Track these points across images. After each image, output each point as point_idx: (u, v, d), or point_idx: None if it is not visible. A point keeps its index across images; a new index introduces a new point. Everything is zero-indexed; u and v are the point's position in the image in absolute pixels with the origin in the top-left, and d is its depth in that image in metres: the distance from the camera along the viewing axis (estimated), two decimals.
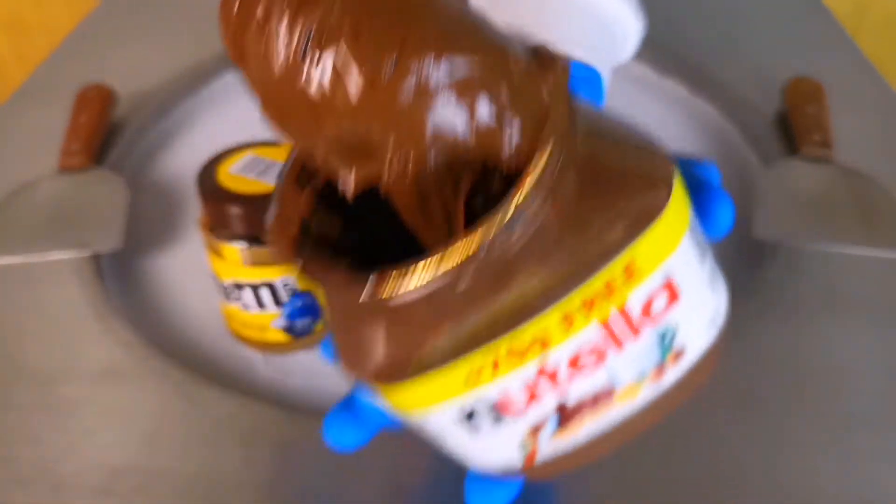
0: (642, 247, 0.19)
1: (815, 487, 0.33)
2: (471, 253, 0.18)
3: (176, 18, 0.70)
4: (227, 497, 0.33)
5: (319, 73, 0.18)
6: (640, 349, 0.21)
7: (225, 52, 0.21)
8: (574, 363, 0.20)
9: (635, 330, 0.20)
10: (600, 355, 0.20)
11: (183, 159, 0.55)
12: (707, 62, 0.61)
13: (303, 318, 0.38)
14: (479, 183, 0.20)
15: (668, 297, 0.20)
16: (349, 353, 0.21)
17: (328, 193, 0.22)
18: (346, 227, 0.23)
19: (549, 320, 0.19)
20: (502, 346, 0.19)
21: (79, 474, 0.33)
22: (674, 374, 0.22)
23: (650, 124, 0.63)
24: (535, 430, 0.22)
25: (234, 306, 0.38)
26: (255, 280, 0.36)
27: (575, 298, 0.19)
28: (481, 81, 0.18)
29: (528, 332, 0.19)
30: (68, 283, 0.43)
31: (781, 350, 0.39)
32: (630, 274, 0.19)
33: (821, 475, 0.33)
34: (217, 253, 0.36)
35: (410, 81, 0.18)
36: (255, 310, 0.37)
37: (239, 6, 0.19)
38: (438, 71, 0.18)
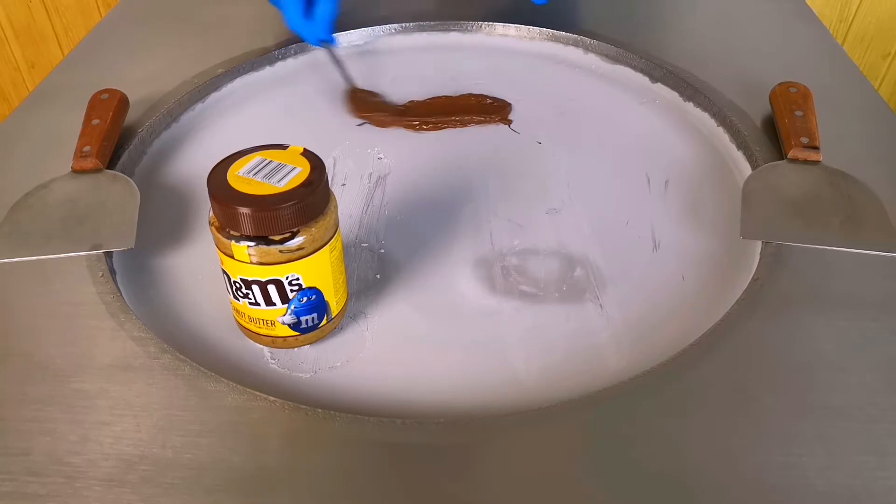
0: None
1: (802, 480, 0.33)
2: None
3: (185, 27, 0.71)
4: (236, 487, 0.33)
5: None
6: None
7: None
8: None
9: None
10: None
11: (193, 162, 0.56)
12: (698, 69, 0.62)
13: (309, 315, 0.39)
14: None
15: None
16: None
17: None
18: None
19: None
20: None
21: (92, 465, 0.34)
22: None
23: (644, 129, 0.65)
24: None
25: (242, 303, 0.38)
26: (263, 277, 0.37)
27: None
28: None
29: None
30: (82, 281, 0.43)
31: (769, 346, 0.40)
32: None
33: (808, 468, 0.34)
34: (226, 252, 0.37)
35: None
36: (263, 306, 0.38)
37: None
38: None
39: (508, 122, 0.59)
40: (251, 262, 0.36)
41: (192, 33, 0.70)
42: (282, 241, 0.36)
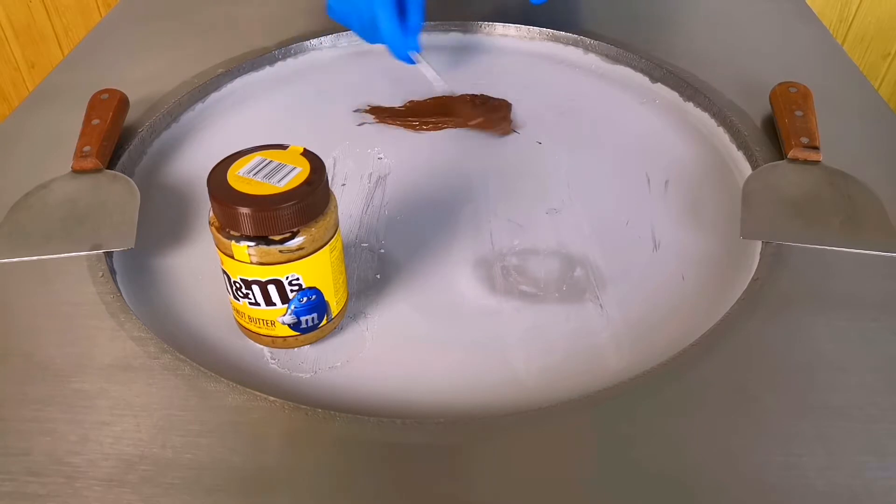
0: None
1: (802, 480, 0.33)
2: None
3: (185, 27, 0.71)
4: (236, 487, 0.33)
5: None
6: None
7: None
8: None
9: None
10: None
11: (193, 162, 0.56)
12: (698, 69, 0.62)
13: (309, 315, 0.39)
14: None
15: None
16: None
17: None
18: None
19: None
20: None
21: (92, 465, 0.34)
22: None
23: (644, 129, 0.65)
24: None
25: (242, 303, 0.38)
26: (263, 277, 0.37)
27: None
28: None
29: None
30: (82, 281, 0.43)
31: (769, 346, 0.40)
32: None
33: (808, 468, 0.34)
34: (226, 252, 0.37)
35: None
36: (263, 306, 0.38)
37: None
38: None
39: (510, 132, 0.58)
40: (251, 262, 0.36)
41: (192, 33, 0.70)
42: (282, 241, 0.36)
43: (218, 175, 0.36)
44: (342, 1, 0.59)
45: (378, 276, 0.46)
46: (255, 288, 0.37)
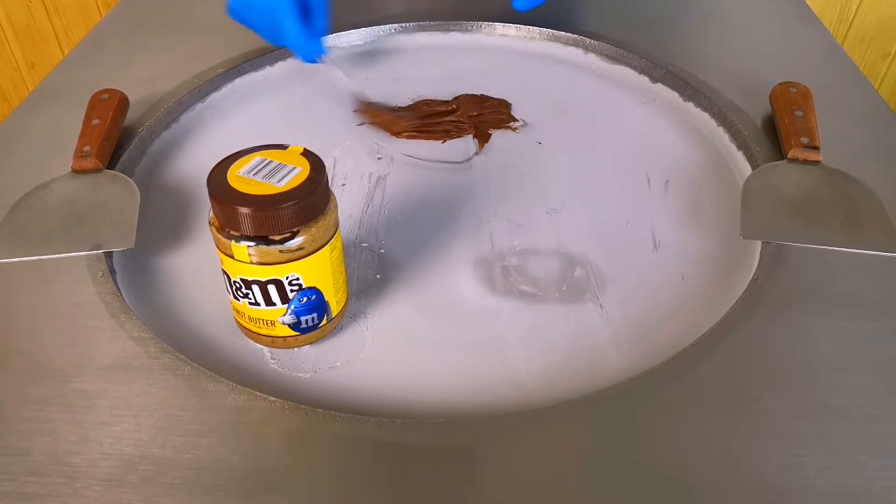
0: None
1: (802, 480, 0.33)
2: None
3: (185, 27, 0.71)
4: (236, 487, 0.33)
5: None
6: None
7: None
8: None
9: None
10: None
11: (193, 162, 0.56)
12: (698, 69, 0.62)
13: (309, 315, 0.39)
14: None
15: None
16: None
17: None
18: None
19: None
20: None
21: (92, 465, 0.34)
22: None
23: (644, 129, 0.65)
24: None
25: (242, 303, 0.38)
26: (263, 278, 0.37)
27: None
28: None
29: None
30: (82, 281, 0.43)
31: (769, 346, 0.40)
32: None
33: (808, 468, 0.34)
34: (226, 252, 0.37)
35: None
36: (263, 306, 0.38)
37: None
38: None
39: (515, 130, 0.59)
40: (251, 262, 0.36)
41: (192, 33, 0.70)
42: (282, 241, 0.36)
43: (218, 175, 0.36)
44: (244, 4, 0.60)
45: (378, 276, 0.46)
46: (255, 288, 0.37)
